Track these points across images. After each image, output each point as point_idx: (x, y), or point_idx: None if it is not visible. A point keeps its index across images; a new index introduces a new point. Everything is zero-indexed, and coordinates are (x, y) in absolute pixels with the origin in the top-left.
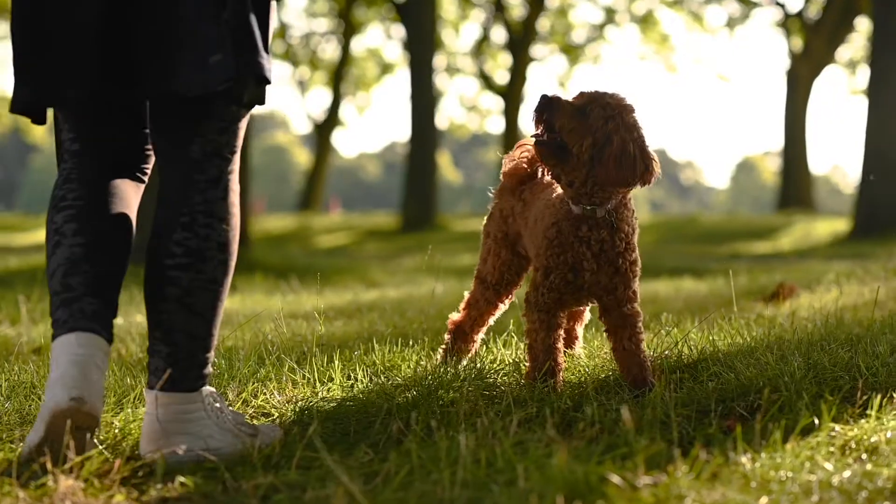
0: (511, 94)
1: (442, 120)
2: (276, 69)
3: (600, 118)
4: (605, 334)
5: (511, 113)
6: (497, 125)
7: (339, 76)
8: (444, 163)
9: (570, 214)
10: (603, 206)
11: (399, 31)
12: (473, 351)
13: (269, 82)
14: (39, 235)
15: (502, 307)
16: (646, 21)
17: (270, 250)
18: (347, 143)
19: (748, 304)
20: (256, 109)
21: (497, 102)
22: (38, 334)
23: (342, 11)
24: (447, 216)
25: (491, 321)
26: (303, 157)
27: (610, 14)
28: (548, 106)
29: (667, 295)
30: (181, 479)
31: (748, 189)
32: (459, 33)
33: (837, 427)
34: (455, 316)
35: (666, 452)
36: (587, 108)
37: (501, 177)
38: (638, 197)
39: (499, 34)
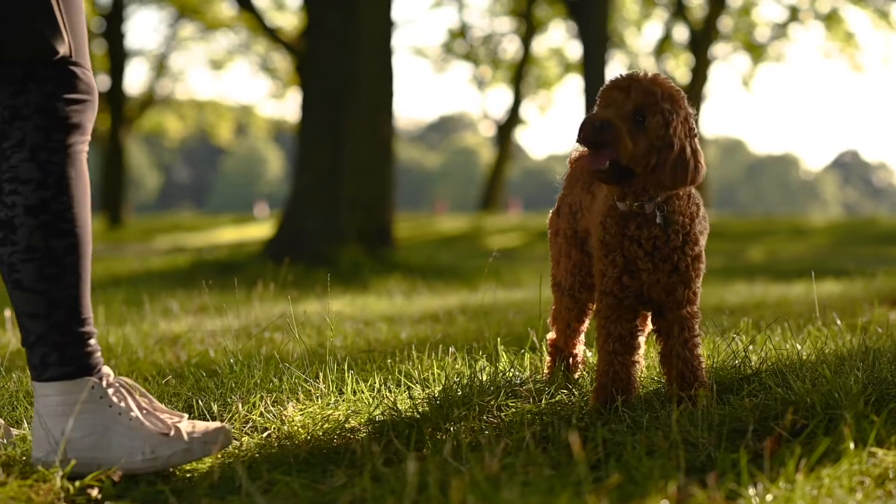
0: (692, 94)
1: None
2: (459, 70)
3: (661, 126)
4: (655, 336)
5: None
6: None
7: (520, 76)
8: None
9: (615, 212)
10: (652, 200)
11: None
12: (581, 368)
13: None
14: (210, 236)
15: (588, 314)
16: (830, 19)
17: (414, 251)
18: (537, 145)
19: (864, 308)
20: (446, 111)
21: None
22: (116, 336)
23: (523, 10)
24: None
25: (583, 329)
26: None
27: (794, 12)
28: (605, 135)
29: (796, 298)
30: None
31: None
32: (642, 32)
33: (880, 452)
34: (551, 334)
35: (659, 483)
36: (643, 114)
37: (569, 164)
38: (829, 198)
39: (681, 33)
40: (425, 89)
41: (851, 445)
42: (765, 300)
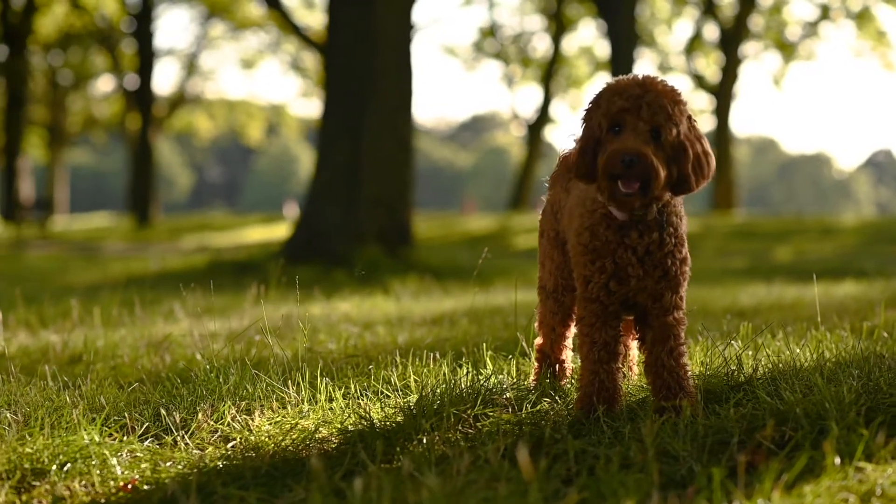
0: (722, 93)
1: None
2: (490, 69)
3: (675, 136)
4: (638, 345)
5: (722, 111)
6: (708, 124)
7: (550, 74)
8: None
9: (610, 221)
10: (654, 206)
11: None
12: (568, 373)
13: None
14: (238, 235)
15: (573, 318)
16: (861, 17)
17: (435, 251)
18: (568, 144)
19: (877, 311)
20: (479, 110)
21: (708, 101)
22: (107, 340)
23: (553, 9)
24: None
25: (570, 334)
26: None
27: (825, 10)
28: (637, 170)
29: (812, 300)
30: None
31: None
32: (672, 31)
33: (869, 467)
34: (538, 339)
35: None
36: (658, 130)
37: (559, 161)
38: (862, 198)
39: (711, 31)
40: (458, 88)
41: (837, 460)
42: (780, 302)
